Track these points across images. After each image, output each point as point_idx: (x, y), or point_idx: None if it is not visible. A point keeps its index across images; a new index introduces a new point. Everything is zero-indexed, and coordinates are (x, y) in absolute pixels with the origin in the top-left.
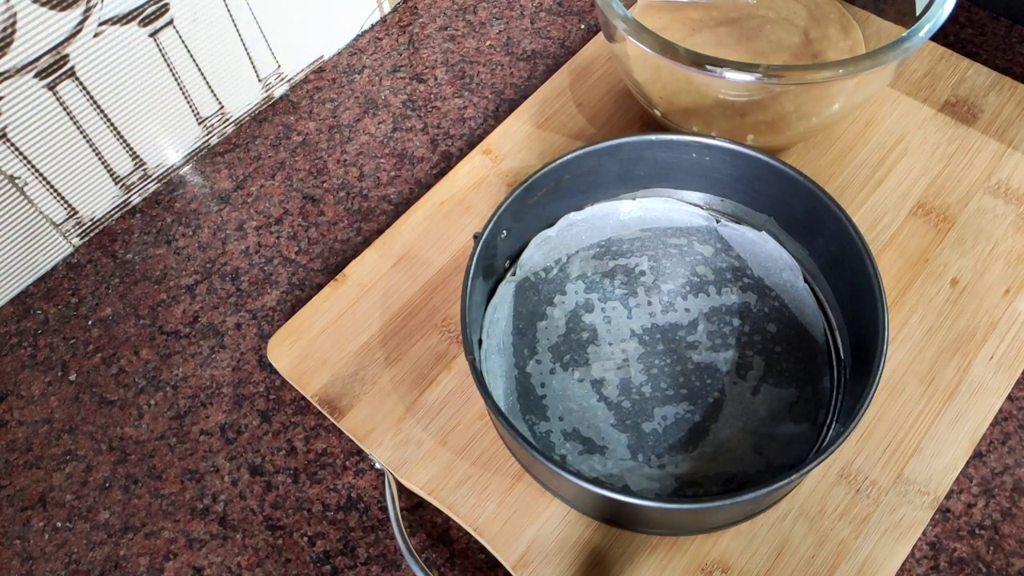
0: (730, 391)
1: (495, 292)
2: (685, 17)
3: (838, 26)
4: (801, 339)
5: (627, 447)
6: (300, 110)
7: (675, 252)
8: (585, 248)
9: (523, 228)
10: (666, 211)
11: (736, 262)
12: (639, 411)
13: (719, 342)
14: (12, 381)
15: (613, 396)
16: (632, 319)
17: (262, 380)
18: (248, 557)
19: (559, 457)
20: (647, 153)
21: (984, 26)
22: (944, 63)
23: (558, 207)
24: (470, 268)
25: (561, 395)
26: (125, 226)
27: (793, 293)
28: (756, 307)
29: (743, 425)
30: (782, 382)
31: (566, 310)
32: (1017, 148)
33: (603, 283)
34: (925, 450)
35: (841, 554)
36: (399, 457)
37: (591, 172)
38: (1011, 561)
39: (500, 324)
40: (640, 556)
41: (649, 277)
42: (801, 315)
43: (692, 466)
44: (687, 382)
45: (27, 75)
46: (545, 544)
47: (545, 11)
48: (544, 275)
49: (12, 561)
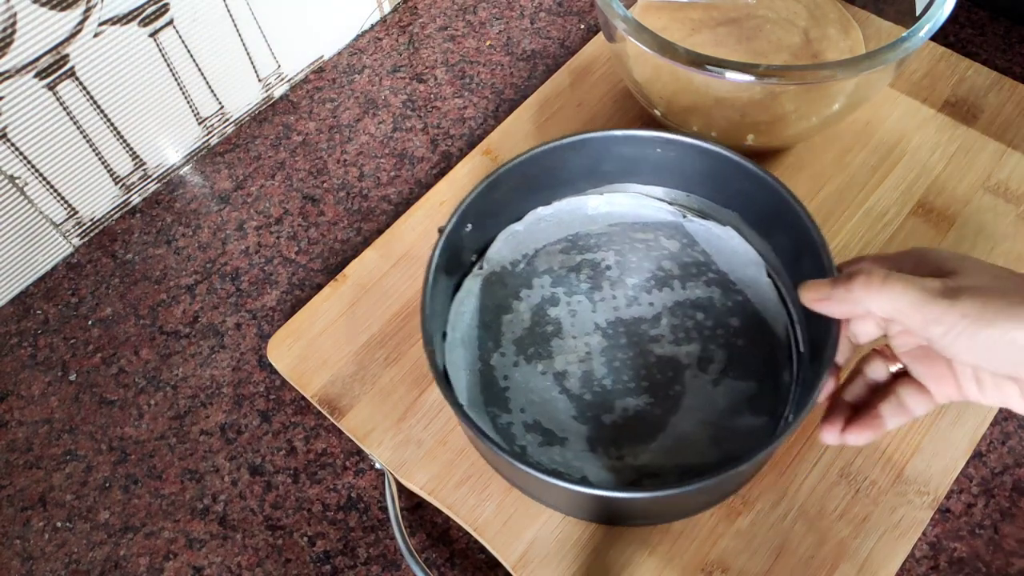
0: (691, 384)
1: (461, 286)
2: (685, 17)
3: (838, 26)
4: (763, 333)
5: (586, 439)
6: (300, 110)
7: (641, 247)
8: (552, 243)
9: (490, 222)
10: (633, 206)
11: (701, 257)
12: (600, 403)
13: (682, 336)
14: (12, 381)
15: (575, 388)
16: (597, 313)
17: (262, 380)
18: (248, 557)
19: (519, 448)
20: (612, 148)
21: (984, 26)
22: (944, 63)
23: (526, 202)
24: (432, 261)
25: (524, 387)
26: (125, 226)
27: (757, 288)
28: (720, 301)
29: (702, 417)
30: (743, 375)
31: (531, 304)
32: (1017, 148)
33: (569, 277)
34: (925, 450)
35: (841, 554)
36: (399, 457)
37: (557, 167)
38: (1011, 561)
39: (465, 317)
40: (640, 556)
41: (615, 271)
42: (764, 309)
43: (651, 458)
44: (649, 375)
45: (27, 75)
46: (545, 544)
47: (545, 11)
48: (511, 269)
49: (12, 561)
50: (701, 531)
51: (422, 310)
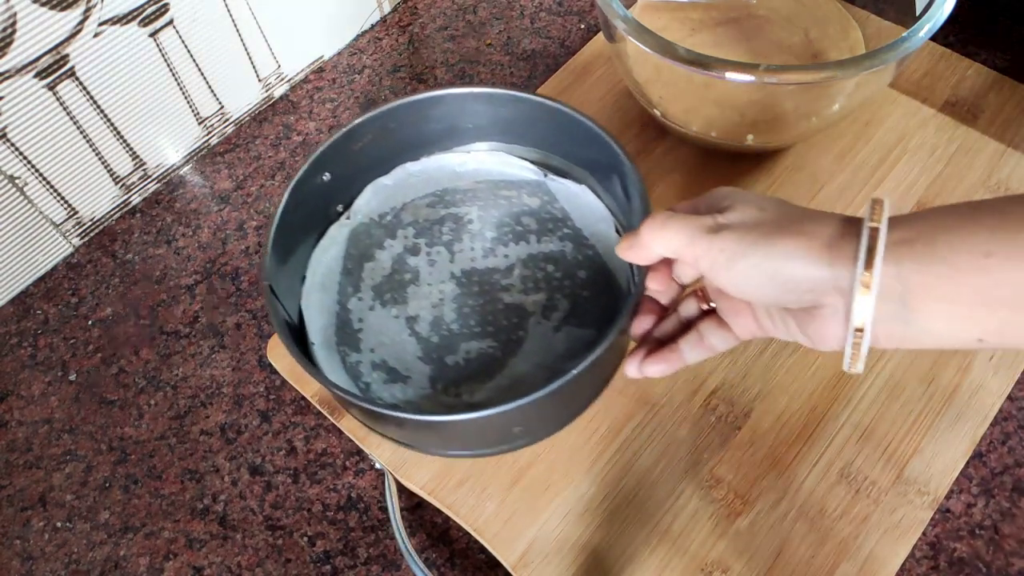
0: (533, 330)
1: (326, 234)
2: (685, 17)
3: (838, 26)
4: (608, 285)
5: (428, 378)
6: (300, 110)
7: (504, 203)
8: (420, 197)
9: (355, 175)
10: (499, 165)
11: (559, 214)
12: (446, 346)
13: (531, 286)
14: (12, 381)
15: (424, 332)
16: (454, 263)
17: (262, 380)
18: (248, 557)
19: (364, 384)
20: (468, 106)
21: (984, 26)
22: (944, 63)
23: (396, 158)
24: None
25: (376, 330)
26: (125, 226)
27: (607, 243)
28: (571, 255)
29: (539, 360)
30: (584, 323)
31: (393, 253)
32: (1017, 148)
33: (432, 229)
34: (925, 450)
35: (841, 554)
36: (399, 457)
37: (419, 122)
38: (1011, 561)
39: (325, 263)
40: (640, 557)
41: (476, 225)
42: (611, 263)
43: (486, 396)
44: (495, 320)
45: (27, 75)
46: (545, 544)
47: (545, 11)
48: (379, 220)
49: (12, 561)
50: (701, 531)
51: (265, 245)
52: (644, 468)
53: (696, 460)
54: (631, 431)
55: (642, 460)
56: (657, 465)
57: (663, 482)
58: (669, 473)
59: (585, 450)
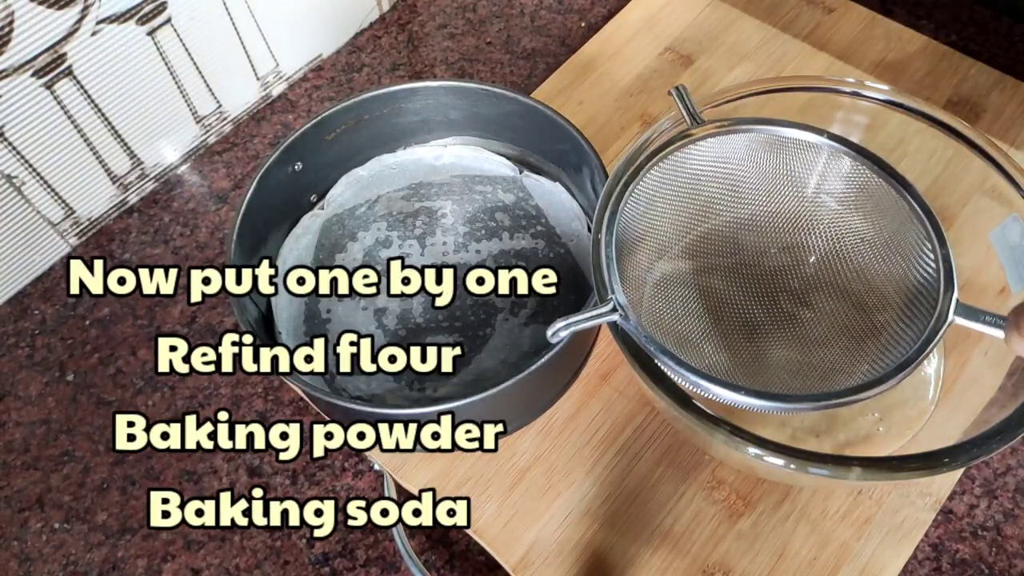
0: (500, 326)
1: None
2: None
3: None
4: (577, 283)
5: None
6: (299, 109)
7: (479, 198)
8: (395, 190)
9: (327, 164)
10: (476, 159)
11: (533, 211)
12: (411, 339)
13: None
14: (9, 381)
15: (391, 324)
16: (425, 257)
17: (260, 381)
18: (246, 559)
19: (328, 376)
20: (443, 100)
21: (986, 25)
22: (946, 62)
23: (369, 148)
24: (248, 190)
25: (344, 321)
26: (123, 226)
27: (578, 241)
28: (543, 252)
29: (505, 357)
30: (551, 320)
31: (365, 245)
32: (1020, 148)
33: (405, 222)
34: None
35: (843, 556)
36: (398, 458)
37: (393, 115)
38: (1013, 563)
39: (297, 253)
40: (641, 558)
41: (449, 219)
42: (581, 261)
43: (450, 391)
44: (463, 315)
45: (24, 74)
46: (545, 546)
47: (545, 9)
48: (352, 212)
49: (10, 563)
50: (703, 533)
51: (230, 232)
52: (645, 469)
53: (698, 461)
54: (632, 432)
55: (643, 461)
56: (658, 466)
57: (664, 483)
58: (671, 474)
59: (586, 451)
